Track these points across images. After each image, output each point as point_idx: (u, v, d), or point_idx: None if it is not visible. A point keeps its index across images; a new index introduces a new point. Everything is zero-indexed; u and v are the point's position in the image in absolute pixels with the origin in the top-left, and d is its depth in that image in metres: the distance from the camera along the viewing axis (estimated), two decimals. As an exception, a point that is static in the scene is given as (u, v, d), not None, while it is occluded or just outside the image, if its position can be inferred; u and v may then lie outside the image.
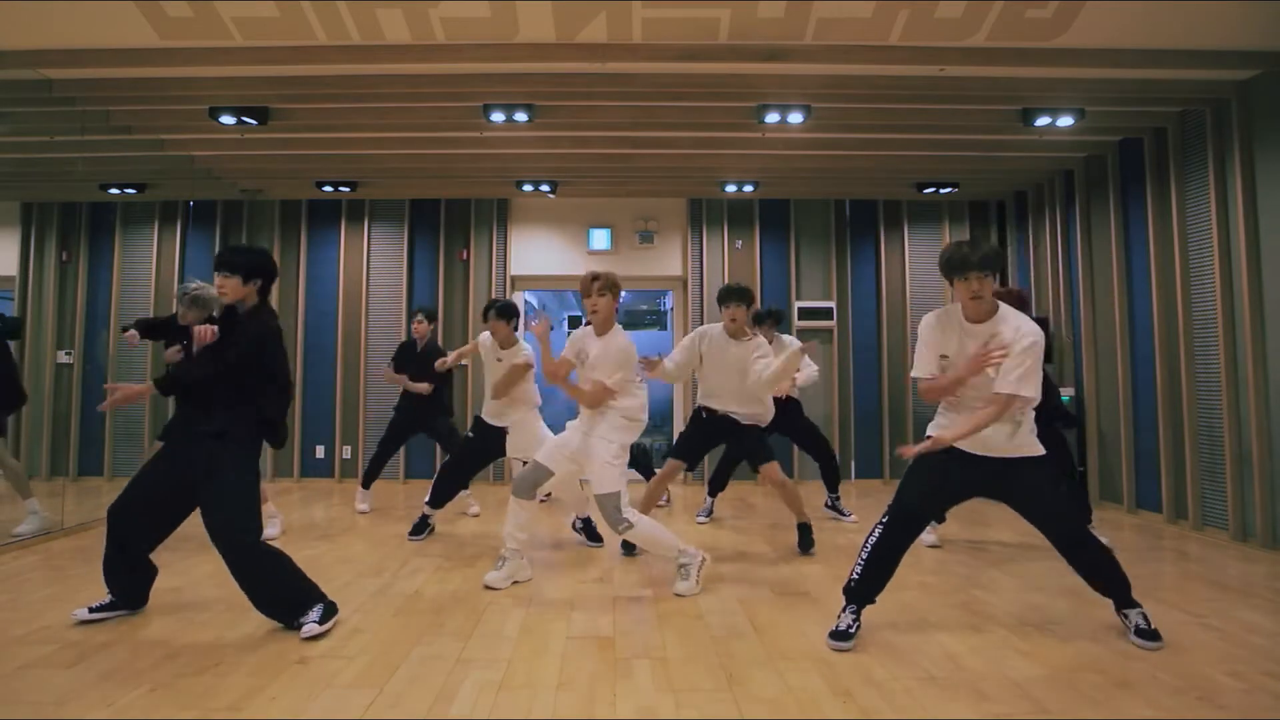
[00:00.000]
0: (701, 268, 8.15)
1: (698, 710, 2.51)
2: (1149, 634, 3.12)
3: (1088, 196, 6.87)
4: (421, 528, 5.21)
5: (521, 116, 5.65)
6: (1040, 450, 3.22)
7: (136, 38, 4.67)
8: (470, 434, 5.38)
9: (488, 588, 3.92)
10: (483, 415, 5.27)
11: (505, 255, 8.21)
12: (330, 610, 3.32)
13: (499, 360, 5.10)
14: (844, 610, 3.23)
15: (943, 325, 3.22)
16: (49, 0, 4.33)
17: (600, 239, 8.25)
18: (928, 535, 4.93)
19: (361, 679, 2.75)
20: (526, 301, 8.74)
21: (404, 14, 4.48)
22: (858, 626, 3.18)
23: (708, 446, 5.15)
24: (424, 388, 5.95)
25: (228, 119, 5.71)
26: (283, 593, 3.29)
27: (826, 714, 2.48)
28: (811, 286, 8.18)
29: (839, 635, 3.14)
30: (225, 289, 3.31)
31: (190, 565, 4.32)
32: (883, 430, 8.04)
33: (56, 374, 7.65)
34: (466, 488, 5.72)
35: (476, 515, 6.06)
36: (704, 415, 4.90)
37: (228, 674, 2.78)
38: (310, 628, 3.18)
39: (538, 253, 8.32)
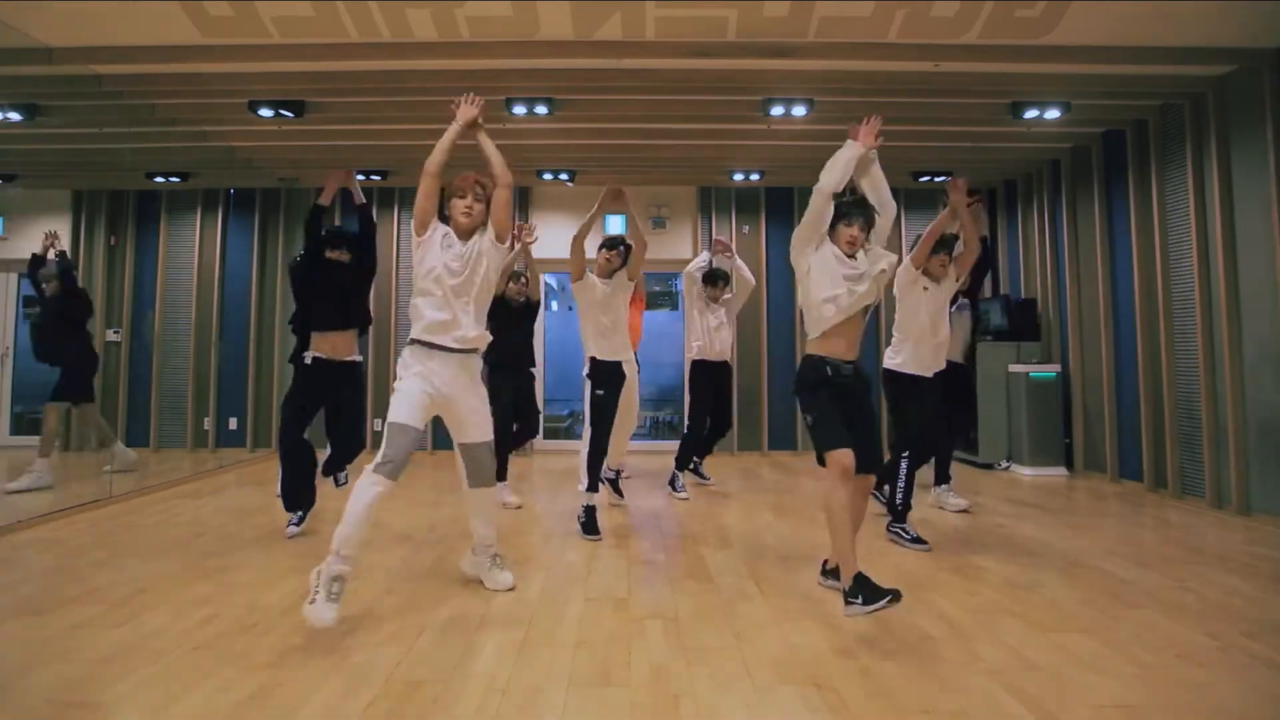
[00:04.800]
0: (710, 251, 8.06)
1: (708, 667, 2.50)
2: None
3: (1073, 185, 6.78)
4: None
5: (542, 109, 5.59)
6: None
7: (180, 35, 4.63)
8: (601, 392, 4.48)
9: None
10: (600, 357, 4.51)
11: (525, 240, 8.13)
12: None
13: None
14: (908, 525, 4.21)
15: None
16: (101, 1, 4.30)
17: (615, 224, 8.19)
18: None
19: (391, 638, 2.75)
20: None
21: (431, 13, 4.42)
22: None
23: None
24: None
25: (266, 112, 5.66)
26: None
27: (828, 670, 2.46)
28: (812, 270, 8.03)
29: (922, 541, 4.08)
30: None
31: (231, 530, 4.36)
32: (881, 413, 7.97)
33: (106, 351, 7.66)
34: None
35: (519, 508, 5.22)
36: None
37: (265, 633, 2.78)
38: None
39: (557, 237, 8.17)
